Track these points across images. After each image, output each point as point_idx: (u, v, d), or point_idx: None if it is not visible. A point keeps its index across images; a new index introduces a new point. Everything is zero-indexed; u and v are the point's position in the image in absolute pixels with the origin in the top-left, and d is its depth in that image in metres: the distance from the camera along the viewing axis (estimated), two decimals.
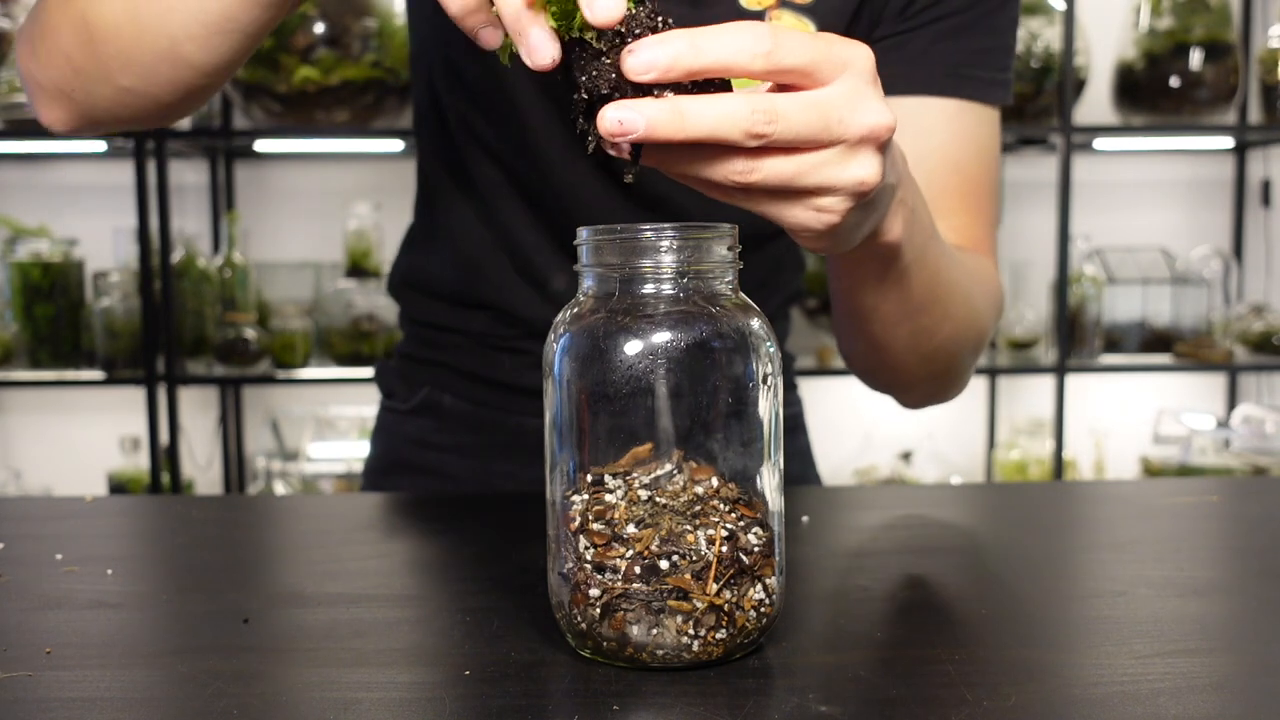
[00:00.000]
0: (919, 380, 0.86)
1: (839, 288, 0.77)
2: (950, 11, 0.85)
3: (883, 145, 0.54)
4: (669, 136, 0.49)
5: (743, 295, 0.55)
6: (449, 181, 0.97)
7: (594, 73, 0.51)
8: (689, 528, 0.52)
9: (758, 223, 0.95)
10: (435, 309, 1.01)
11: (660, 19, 0.51)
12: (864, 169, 0.53)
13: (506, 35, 0.53)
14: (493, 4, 0.52)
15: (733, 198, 0.54)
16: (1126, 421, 2.92)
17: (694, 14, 0.83)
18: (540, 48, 0.50)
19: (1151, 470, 2.77)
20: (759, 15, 0.84)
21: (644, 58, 0.48)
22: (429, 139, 0.99)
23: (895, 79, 0.85)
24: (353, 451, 2.83)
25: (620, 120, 0.49)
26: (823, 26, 0.84)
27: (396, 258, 1.06)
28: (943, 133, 0.86)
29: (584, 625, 0.53)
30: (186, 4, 0.70)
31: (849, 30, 0.86)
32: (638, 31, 0.50)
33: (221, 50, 0.72)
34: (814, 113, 0.51)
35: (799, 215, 0.54)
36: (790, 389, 1.08)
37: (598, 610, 0.52)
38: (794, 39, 0.50)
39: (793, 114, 0.50)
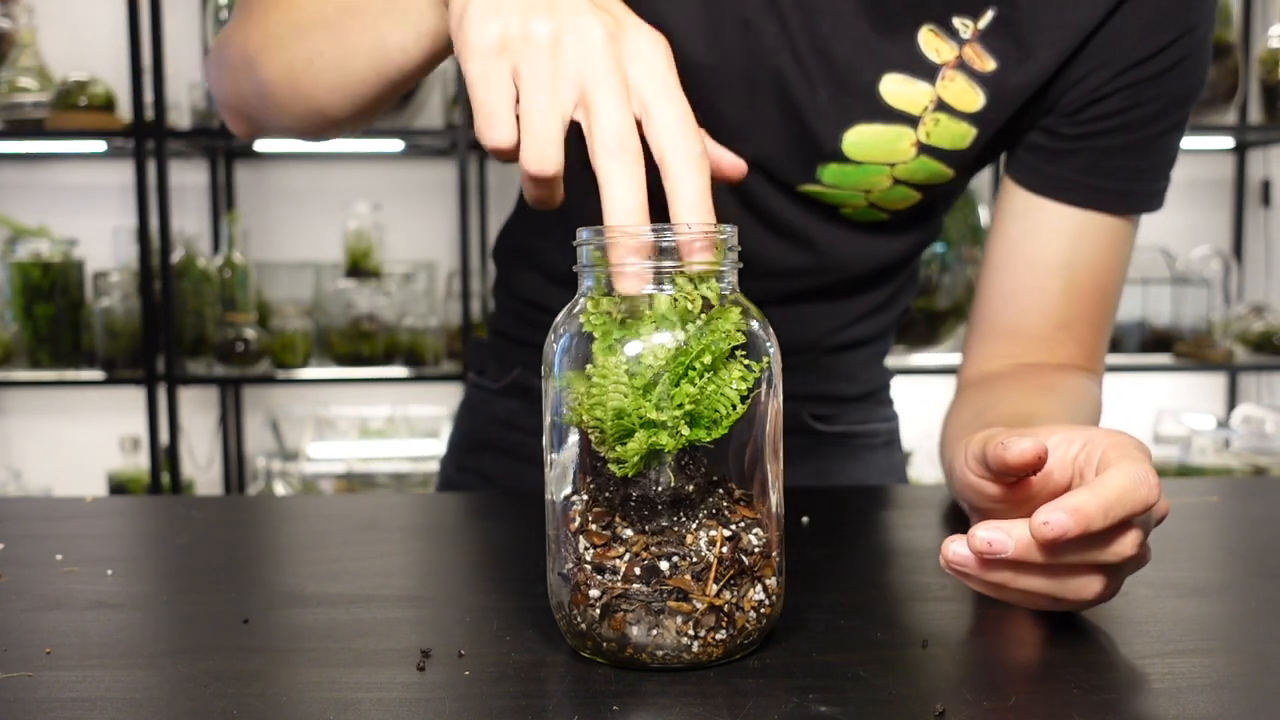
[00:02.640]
0: None
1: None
2: (1126, 125, 0.82)
3: None
4: (1031, 558, 0.52)
5: (741, 295, 0.55)
6: (579, 169, 0.94)
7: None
8: (689, 528, 0.52)
9: (893, 255, 0.92)
10: (537, 284, 0.98)
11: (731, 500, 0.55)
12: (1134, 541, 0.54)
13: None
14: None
15: (1006, 596, 0.56)
16: (1126, 421, 2.92)
17: (864, 31, 0.79)
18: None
19: None
20: (934, 68, 0.79)
21: (1057, 524, 0.50)
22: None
23: (1058, 184, 0.84)
24: (353, 451, 2.83)
25: (990, 541, 0.52)
26: (994, 101, 0.80)
27: (507, 222, 1.03)
28: (1095, 244, 0.84)
29: (584, 626, 0.53)
30: (332, 84, 0.76)
31: (1016, 116, 0.82)
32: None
33: (366, 113, 0.79)
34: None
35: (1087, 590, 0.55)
36: (887, 404, 1.06)
37: (598, 611, 0.52)
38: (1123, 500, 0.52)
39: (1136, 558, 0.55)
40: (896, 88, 0.80)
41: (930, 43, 0.79)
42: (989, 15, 0.79)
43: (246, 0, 0.83)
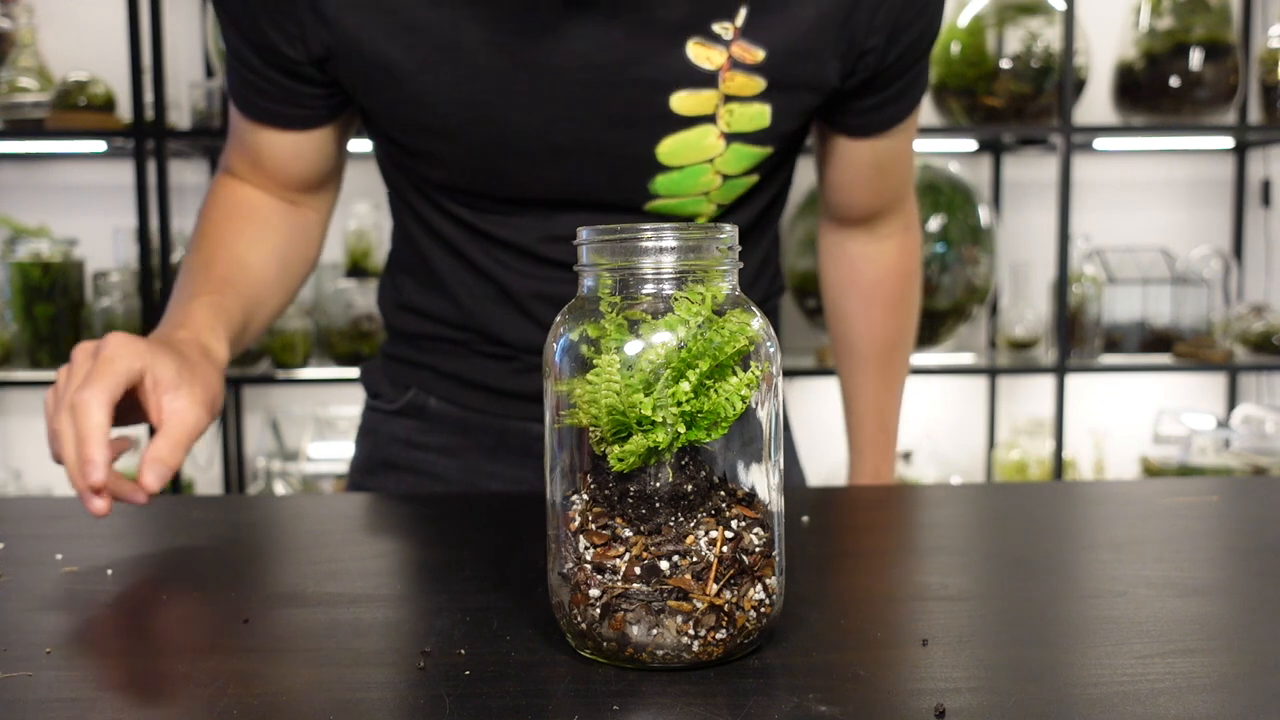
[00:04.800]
0: None
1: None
2: (892, 79, 0.91)
3: None
4: None
5: (742, 295, 0.55)
6: (437, 244, 0.98)
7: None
8: (689, 528, 0.52)
9: (752, 219, 0.98)
10: (428, 327, 1.01)
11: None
12: None
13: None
14: None
15: None
16: (1126, 421, 2.92)
17: (640, 70, 0.82)
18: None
19: (1151, 470, 2.77)
20: (711, 75, 0.83)
21: None
22: (412, 209, 1.00)
23: (851, 129, 0.95)
24: (353, 451, 2.83)
25: None
26: (774, 81, 0.85)
27: (386, 276, 1.06)
28: (891, 142, 0.98)
29: (584, 625, 0.53)
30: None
31: (800, 96, 0.87)
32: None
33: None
34: None
35: None
36: None
37: (598, 610, 0.52)
38: None
39: None
40: (685, 101, 0.84)
41: (699, 54, 0.83)
42: (743, 13, 0.83)
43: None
